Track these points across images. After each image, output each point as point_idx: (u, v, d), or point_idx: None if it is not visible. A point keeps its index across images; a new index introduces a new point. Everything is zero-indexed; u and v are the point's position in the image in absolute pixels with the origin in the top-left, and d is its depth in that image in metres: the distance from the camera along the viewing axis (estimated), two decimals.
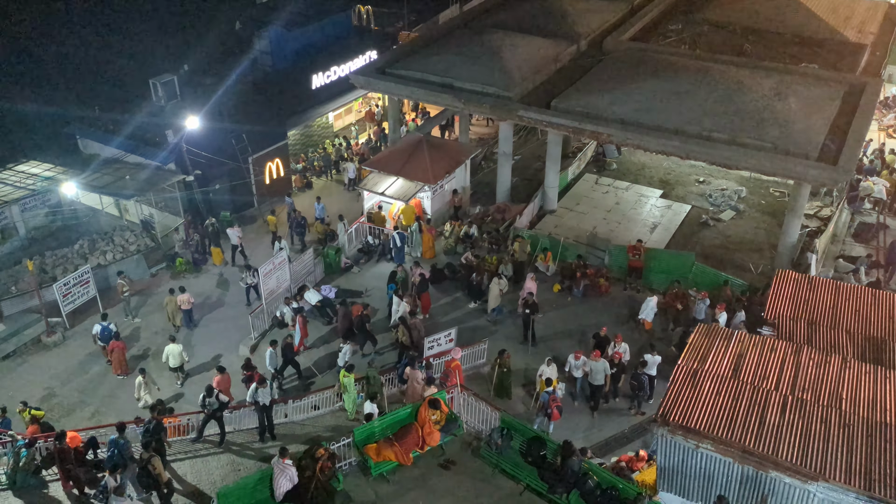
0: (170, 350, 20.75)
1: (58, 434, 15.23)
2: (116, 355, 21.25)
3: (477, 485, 15.20)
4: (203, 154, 28.00)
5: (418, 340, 20.42)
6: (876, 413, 13.54)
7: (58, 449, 14.96)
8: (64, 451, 14.96)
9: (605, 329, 20.31)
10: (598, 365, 18.53)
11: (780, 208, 27.57)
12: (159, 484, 14.89)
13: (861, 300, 17.52)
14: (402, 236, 25.57)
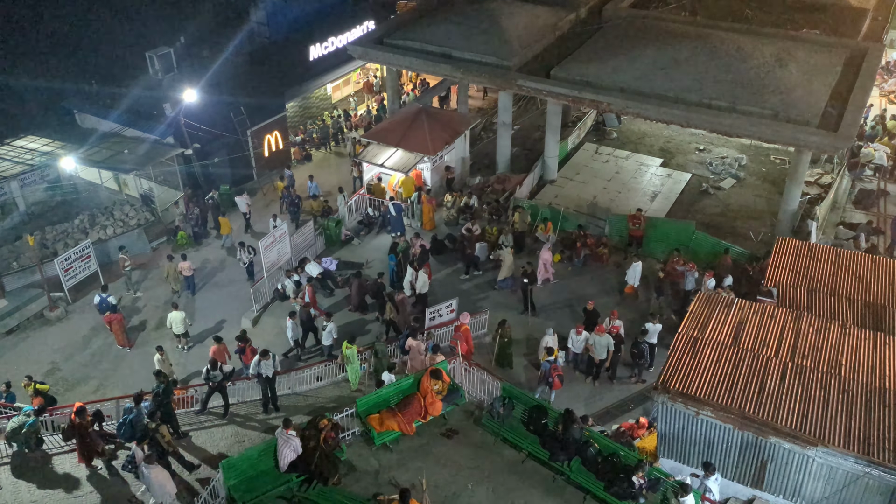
0: (173, 317, 21.11)
1: (78, 409, 15.38)
2: (115, 328, 21.48)
3: (479, 453, 15.35)
4: (201, 127, 27.86)
5: (406, 318, 20.48)
6: (875, 379, 13.65)
7: (77, 424, 15.11)
8: (83, 426, 15.17)
9: (591, 303, 20.14)
10: (602, 340, 18.39)
11: (781, 176, 27.49)
12: (167, 453, 15.04)
13: (861, 267, 17.57)
14: (398, 207, 25.54)
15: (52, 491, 15.03)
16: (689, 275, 21.14)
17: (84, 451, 15.25)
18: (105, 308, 21.63)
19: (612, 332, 18.89)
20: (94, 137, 28.07)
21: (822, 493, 12.98)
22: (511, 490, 14.32)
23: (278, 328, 21.77)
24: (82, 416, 15.20)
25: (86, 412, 15.35)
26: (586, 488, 14.12)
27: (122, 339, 21.74)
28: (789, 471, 13.11)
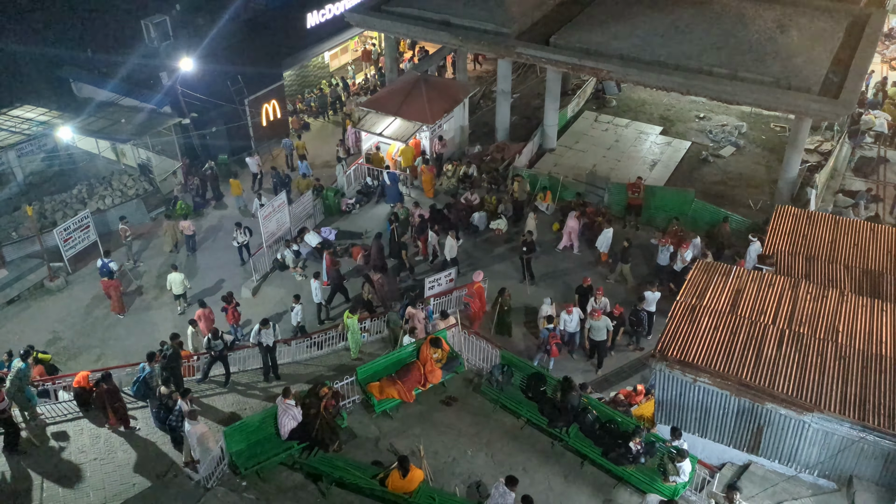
0: (172, 278, 21.40)
1: (103, 376, 15.62)
2: (112, 294, 21.71)
3: (478, 420, 15.49)
4: (198, 96, 27.67)
5: (384, 298, 20.53)
6: (872, 345, 13.74)
7: (106, 390, 15.35)
8: (112, 392, 15.43)
9: (587, 279, 19.77)
10: (599, 323, 18.01)
11: (781, 143, 27.37)
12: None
13: (859, 234, 17.58)
14: (392, 176, 25.49)
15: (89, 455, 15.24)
16: (663, 250, 20.83)
17: (118, 414, 15.55)
18: (105, 272, 21.83)
19: (613, 313, 18.64)
20: (90, 107, 27.91)
21: (817, 457, 13.14)
22: (510, 456, 14.49)
23: (278, 298, 21.88)
24: (108, 381, 15.48)
25: (111, 378, 15.64)
26: (584, 454, 14.28)
27: (118, 307, 21.95)
28: (785, 436, 13.25)
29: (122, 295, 22.23)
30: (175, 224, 24.35)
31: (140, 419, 16.02)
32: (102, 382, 15.39)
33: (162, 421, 15.09)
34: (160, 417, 15.13)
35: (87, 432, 15.73)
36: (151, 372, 16.04)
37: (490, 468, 14.19)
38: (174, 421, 14.68)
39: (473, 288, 19.48)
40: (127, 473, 14.51)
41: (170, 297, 22.16)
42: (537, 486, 13.55)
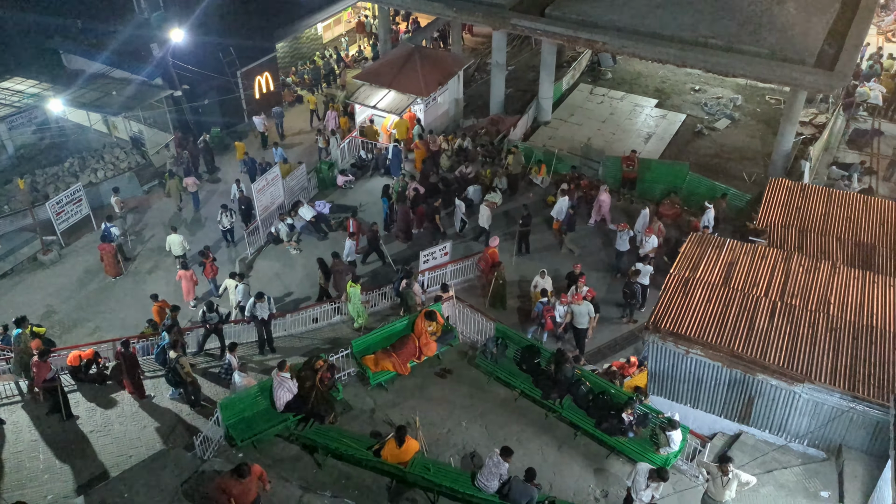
0: (171, 240, 21.67)
1: (123, 342, 15.94)
2: (106, 257, 21.90)
3: (473, 392, 15.62)
4: (190, 68, 27.41)
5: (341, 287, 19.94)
6: (863, 317, 13.86)
7: (125, 356, 15.62)
8: (130, 359, 15.73)
9: (578, 266, 19.16)
10: (582, 308, 17.55)
11: (776, 116, 27.33)
12: (185, 383, 15.48)
13: (852, 207, 17.66)
14: (396, 149, 25.39)
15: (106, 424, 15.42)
16: (622, 234, 20.36)
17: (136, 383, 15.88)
18: (107, 237, 22.12)
19: (588, 296, 18.19)
20: (81, 79, 27.62)
21: (807, 427, 13.31)
22: (504, 427, 14.64)
23: (272, 272, 21.88)
24: (127, 347, 15.78)
25: (129, 344, 15.99)
26: (577, 425, 14.44)
27: (111, 269, 22.14)
28: (776, 406, 13.40)
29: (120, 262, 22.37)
30: (178, 182, 24.82)
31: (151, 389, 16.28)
32: (122, 347, 15.73)
33: (170, 382, 15.71)
34: (168, 379, 15.68)
35: (82, 405, 15.85)
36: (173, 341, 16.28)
37: (484, 439, 14.34)
38: (223, 373, 15.91)
39: (488, 252, 19.57)
40: (124, 445, 14.62)
41: (165, 267, 22.16)
42: (531, 457, 13.71)
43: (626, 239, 20.37)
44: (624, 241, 20.40)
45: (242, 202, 23.51)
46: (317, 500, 12.48)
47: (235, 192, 23.96)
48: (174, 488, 12.46)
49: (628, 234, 20.38)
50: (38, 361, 15.08)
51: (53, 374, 15.20)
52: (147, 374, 16.62)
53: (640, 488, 11.86)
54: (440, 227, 22.61)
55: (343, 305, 18.99)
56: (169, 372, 15.57)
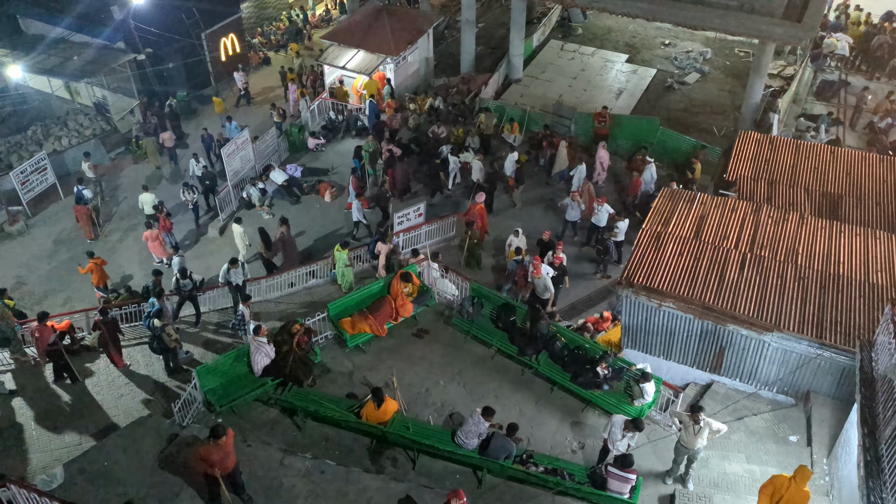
0: (143, 198, 21.85)
1: (101, 310, 15.98)
2: (82, 219, 21.97)
3: (450, 351, 15.75)
4: (153, 31, 26.73)
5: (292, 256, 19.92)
6: (830, 266, 14.12)
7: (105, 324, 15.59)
8: (110, 323, 15.75)
9: (548, 233, 19.11)
10: (539, 282, 17.28)
11: (745, 69, 27.40)
12: (171, 350, 15.60)
13: (820, 158, 17.86)
14: (373, 106, 25.16)
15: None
16: (573, 205, 19.93)
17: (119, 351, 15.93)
18: (80, 199, 22.05)
19: (555, 261, 18.02)
20: (41, 44, 26.81)
21: (776, 375, 13.64)
22: (481, 384, 14.82)
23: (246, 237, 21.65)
24: (106, 315, 15.77)
25: (108, 312, 15.99)
26: (553, 380, 14.65)
27: (88, 231, 22.12)
28: (746, 356, 13.69)
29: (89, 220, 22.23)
30: (154, 140, 24.74)
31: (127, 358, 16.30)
32: (101, 316, 15.68)
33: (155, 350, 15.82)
34: (152, 347, 15.76)
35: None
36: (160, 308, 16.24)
37: (462, 397, 14.51)
38: (237, 324, 16.27)
39: (475, 209, 19.55)
40: (104, 414, 14.59)
41: (139, 231, 21.93)
42: (509, 412, 13.91)
43: (577, 210, 19.94)
44: (575, 212, 20.01)
45: (206, 177, 22.93)
46: (298, 463, 12.59)
47: (194, 169, 23.20)
48: (154, 456, 12.50)
49: (578, 205, 19.91)
50: (39, 326, 15.03)
51: (54, 339, 15.19)
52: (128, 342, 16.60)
53: (616, 439, 12.13)
54: (443, 183, 22.51)
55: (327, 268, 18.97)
56: (154, 339, 15.54)
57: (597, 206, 19.62)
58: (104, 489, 11.87)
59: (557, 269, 18.04)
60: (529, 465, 12.35)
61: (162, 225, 20.77)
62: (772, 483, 10.45)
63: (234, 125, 25.19)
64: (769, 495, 10.46)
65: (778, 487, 10.36)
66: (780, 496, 10.32)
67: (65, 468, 12.21)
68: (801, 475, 10.24)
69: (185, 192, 22.25)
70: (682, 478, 12.34)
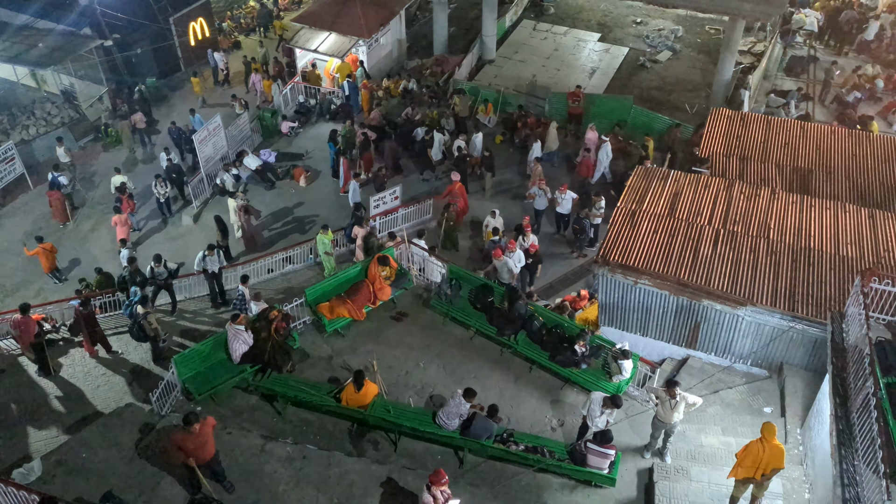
0: (116, 181, 21.61)
1: (83, 301, 15.77)
2: (55, 204, 21.74)
3: (429, 333, 15.80)
4: (120, 16, 26.25)
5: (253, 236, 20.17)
6: (801, 239, 14.33)
7: (84, 314, 15.44)
8: (89, 316, 15.55)
9: (527, 218, 19.00)
10: (500, 263, 17.08)
11: (716, 46, 27.56)
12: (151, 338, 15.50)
13: (790, 133, 18.06)
14: (352, 85, 25.02)
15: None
16: (539, 193, 19.62)
17: (94, 340, 15.74)
18: (55, 185, 21.87)
19: (529, 250, 17.73)
20: (5, 31, 26.19)
21: (750, 348, 13.85)
22: (461, 365, 14.89)
23: None
24: (87, 306, 15.62)
25: (90, 303, 15.91)
26: (532, 359, 14.77)
27: (60, 216, 21.95)
28: (720, 330, 13.88)
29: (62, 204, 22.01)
30: (127, 123, 24.63)
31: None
32: (82, 307, 15.54)
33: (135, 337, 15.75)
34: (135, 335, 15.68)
35: (32, 368, 15.59)
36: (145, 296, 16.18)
37: (442, 378, 14.58)
38: (238, 304, 16.04)
39: (455, 188, 19.55)
40: (81, 405, 14.48)
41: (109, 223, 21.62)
42: (489, 392, 14.01)
43: (544, 199, 19.74)
44: (542, 201, 19.81)
45: (172, 170, 22.50)
46: (279, 449, 12.60)
47: (164, 162, 22.72)
48: (132, 446, 12.44)
49: (547, 194, 19.64)
50: (24, 318, 14.82)
51: (38, 331, 15.06)
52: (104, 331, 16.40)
53: (595, 416, 12.27)
54: (431, 160, 22.45)
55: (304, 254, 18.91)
56: (134, 326, 15.46)
57: (559, 195, 19.33)
58: (83, 481, 11.81)
59: (532, 256, 17.90)
60: (510, 443, 12.48)
61: (125, 206, 20.72)
62: (747, 452, 10.64)
63: (197, 118, 24.51)
64: (750, 465, 10.64)
65: (754, 454, 10.55)
66: (759, 460, 10.52)
67: (42, 461, 12.11)
68: (768, 431, 10.47)
69: (156, 186, 21.74)
70: (660, 451, 12.53)
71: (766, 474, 10.60)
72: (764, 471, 10.57)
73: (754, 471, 10.64)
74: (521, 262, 17.44)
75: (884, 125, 22.86)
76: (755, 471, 10.63)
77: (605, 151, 21.04)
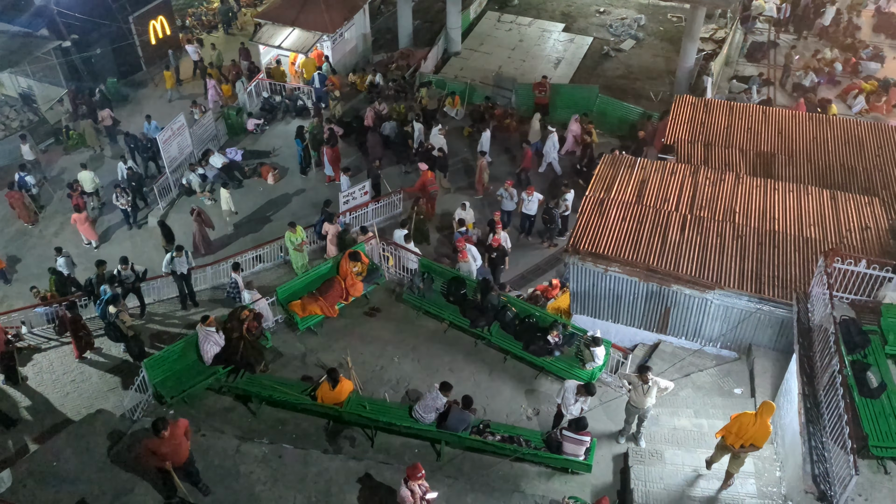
0: (83, 177, 21.56)
1: (68, 305, 15.76)
2: (17, 205, 21.51)
3: (403, 327, 15.79)
4: (77, 16, 25.75)
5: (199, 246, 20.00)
6: (766, 223, 14.57)
7: (70, 318, 15.40)
8: (75, 320, 15.46)
9: (497, 214, 18.61)
10: (464, 265, 16.95)
11: (678, 34, 27.81)
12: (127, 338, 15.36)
13: (752, 118, 18.32)
14: (322, 77, 24.83)
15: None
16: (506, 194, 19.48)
17: (80, 344, 15.60)
18: (21, 186, 21.72)
19: (493, 243, 17.72)
20: None
21: (719, 331, 14.06)
22: (435, 357, 14.91)
23: (186, 225, 21.16)
24: (73, 310, 15.54)
25: (76, 306, 15.92)
26: (506, 349, 14.84)
27: (25, 216, 21.75)
28: (690, 314, 14.08)
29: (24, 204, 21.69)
30: (89, 122, 24.30)
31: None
32: (68, 311, 15.48)
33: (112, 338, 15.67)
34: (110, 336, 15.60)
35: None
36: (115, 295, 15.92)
37: (417, 372, 14.59)
38: (231, 292, 16.57)
39: (426, 176, 19.62)
40: (51, 413, 14.25)
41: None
42: (464, 384, 14.05)
43: (511, 201, 19.50)
44: (510, 202, 19.59)
45: (132, 179, 21.82)
46: (254, 449, 12.51)
47: (123, 171, 22.10)
48: (104, 452, 12.27)
49: (511, 196, 19.46)
50: None
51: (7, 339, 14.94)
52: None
53: (570, 403, 12.37)
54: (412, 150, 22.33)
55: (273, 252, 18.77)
56: (109, 327, 15.31)
57: (526, 196, 19.13)
58: (55, 489, 11.62)
59: (496, 250, 17.81)
60: (487, 434, 12.53)
61: (74, 202, 20.57)
62: (739, 420, 10.76)
63: (153, 125, 23.76)
64: (736, 433, 10.78)
65: (745, 424, 10.66)
66: (746, 432, 10.68)
67: (12, 471, 11.89)
68: (767, 409, 10.60)
69: (118, 198, 21.12)
70: (635, 436, 12.67)
71: (744, 446, 10.79)
72: (744, 443, 10.76)
73: (737, 440, 10.80)
74: (478, 261, 17.36)
75: (843, 108, 23.29)
76: (738, 440, 10.79)
77: (551, 142, 21.08)
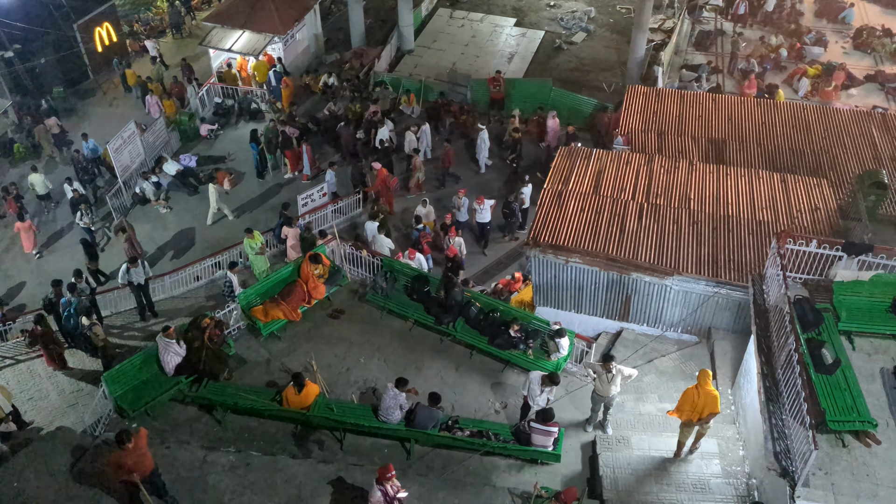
0: (33, 179, 21.39)
1: (37, 318, 15.54)
2: None
3: (367, 328, 15.71)
4: (18, 25, 25.10)
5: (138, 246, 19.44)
6: (720, 208, 14.86)
7: (41, 332, 15.21)
8: (46, 334, 15.33)
9: (449, 216, 18.49)
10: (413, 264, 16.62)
11: (627, 25, 28.16)
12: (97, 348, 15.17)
13: (703, 106, 18.65)
14: (278, 75, 24.61)
15: None
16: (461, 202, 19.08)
17: (53, 356, 15.45)
18: None
19: (449, 253, 17.41)
20: None
21: (679, 316, 14.30)
22: (402, 357, 14.88)
23: (144, 233, 20.81)
24: (43, 323, 15.34)
25: (45, 319, 15.62)
26: (472, 345, 14.87)
27: None
28: (650, 301, 14.29)
29: None
30: (42, 128, 24.01)
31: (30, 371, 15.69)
32: (37, 325, 15.26)
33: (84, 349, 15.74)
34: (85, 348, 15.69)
35: None
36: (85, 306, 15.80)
37: (384, 372, 14.53)
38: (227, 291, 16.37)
39: (381, 174, 19.58)
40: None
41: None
42: (431, 381, 14.06)
43: (465, 210, 19.08)
44: (464, 212, 19.13)
45: (79, 202, 20.61)
46: (221, 458, 12.36)
47: (69, 192, 21.12)
48: (66, 470, 12.00)
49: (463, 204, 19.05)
50: None
51: None
52: None
53: (536, 395, 12.45)
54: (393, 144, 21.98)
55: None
56: (80, 338, 15.17)
57: (477, 206, 18.72)
58: None
59: (451, 260, 17.51)
60: (455, 430, 12.56)
61: (8, 206, 20.35)
62: (684, 398, 11.06)
63: (91, 143, 22.89)
64: (688, 410, 11.04)
65: (691, 399, 10.97)
66: (696, 404, 10.94)
67: None
68: (702, 377, 10.97)
69: (81, 217, 20.21)
70: (602, 424, 12.82)
71: (702, 418, 11.03)
72: (700, 415, 11.00)
73: (693, 414, 11.04)
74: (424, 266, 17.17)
75: (789, 92, 23.81)
76: (694, 414, 11.03)
77: (482, 139, 21.12)
